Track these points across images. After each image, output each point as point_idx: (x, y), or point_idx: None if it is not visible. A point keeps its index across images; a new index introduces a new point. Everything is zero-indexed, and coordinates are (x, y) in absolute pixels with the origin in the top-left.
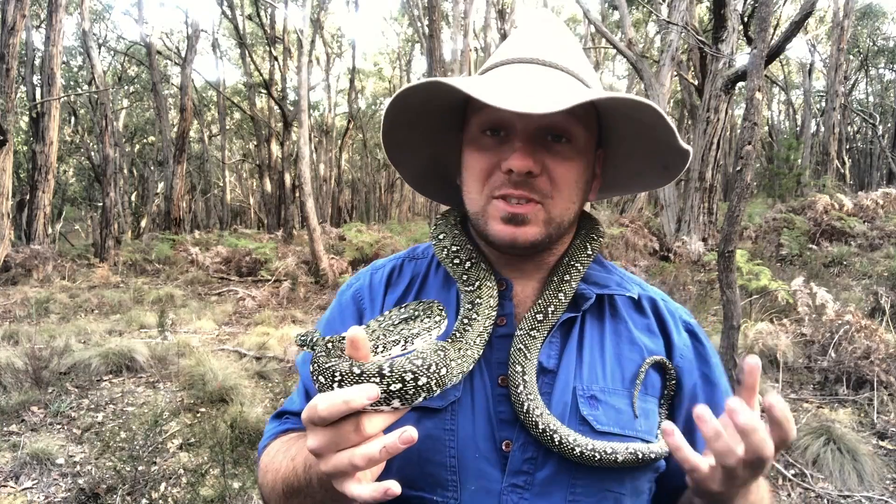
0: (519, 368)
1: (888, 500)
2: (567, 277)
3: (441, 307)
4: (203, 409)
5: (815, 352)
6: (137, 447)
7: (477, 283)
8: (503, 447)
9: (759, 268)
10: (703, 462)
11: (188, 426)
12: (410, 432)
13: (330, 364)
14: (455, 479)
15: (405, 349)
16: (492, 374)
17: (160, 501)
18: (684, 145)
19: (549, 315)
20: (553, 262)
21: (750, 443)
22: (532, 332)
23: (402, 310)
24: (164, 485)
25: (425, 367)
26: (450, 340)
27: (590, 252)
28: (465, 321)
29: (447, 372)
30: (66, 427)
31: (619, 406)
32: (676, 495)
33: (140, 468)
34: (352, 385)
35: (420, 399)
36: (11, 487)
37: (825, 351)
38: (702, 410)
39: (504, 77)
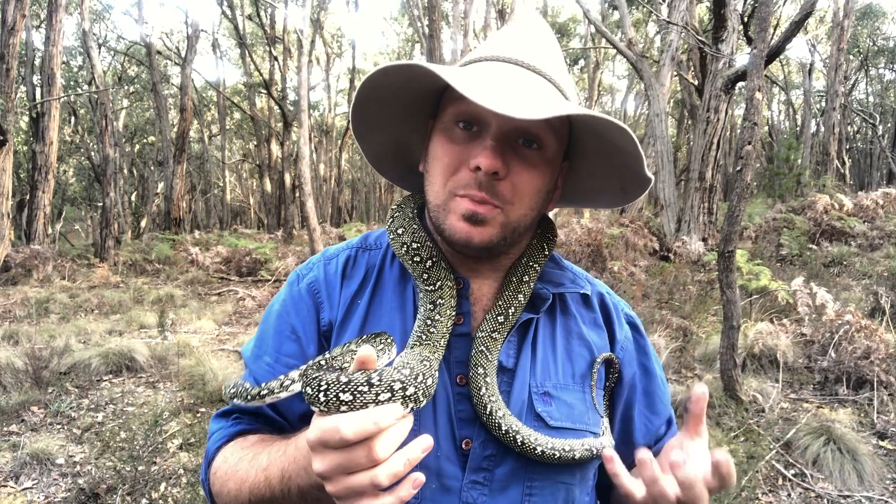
0: (481, 371)
1: (888, 500)
2: (526, 278)
3: (389, 337)
4: (203, 409)
5: (815, 352)
6: (137, 447)
7: (438, 283)
8: (463, 445)
9: (759, 268)
10: (637, 489)
11: (188, 426)
12: (429, 441)
13: (318, 375)
14: None
15: (391, 358)
16: (451, 374)
17: (160, 501)
18: (649, 174)
19: (510, 316)
20: (508, 263)
21: (687, 494)
22: (493, 335)
23: (348, 345)
24: (164, 485)
25: (413, 376)
26: (417, 344)
27: (546, 252)
28: (429, 322)
29: (433, 382)
30: (66, 427)
31: (571, 401)
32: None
33: (140, 468)
34: (338, 393)
35: (407, 410)
36: (11, 487)
37: (825, 351)
38: (643, 455)
39: (488, 74)
